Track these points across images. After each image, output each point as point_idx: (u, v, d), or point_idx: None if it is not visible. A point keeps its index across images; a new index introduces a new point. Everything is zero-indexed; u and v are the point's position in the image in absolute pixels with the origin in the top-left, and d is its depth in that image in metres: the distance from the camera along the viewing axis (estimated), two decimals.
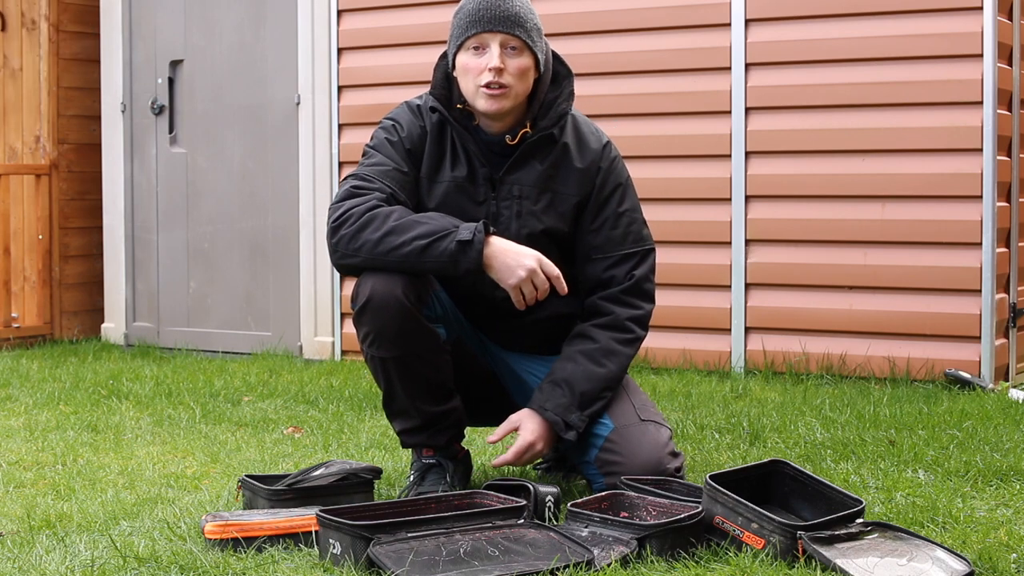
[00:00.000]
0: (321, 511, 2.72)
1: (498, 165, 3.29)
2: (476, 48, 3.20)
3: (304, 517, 2.85)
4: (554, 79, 3.32)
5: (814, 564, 2.56)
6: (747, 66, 5.51)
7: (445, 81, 3.29)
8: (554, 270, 3.13)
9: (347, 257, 3.13)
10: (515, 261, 3.09)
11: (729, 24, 5.53)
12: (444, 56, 3.32)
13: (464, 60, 3.22)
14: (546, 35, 3.32)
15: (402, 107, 3.36)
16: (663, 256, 3.98)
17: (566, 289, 3.17)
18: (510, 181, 3.28)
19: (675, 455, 3.24)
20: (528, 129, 3.27)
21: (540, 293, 3.12)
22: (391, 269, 3.09)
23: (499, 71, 3.17)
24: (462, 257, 3.06)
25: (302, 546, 2.82)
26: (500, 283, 3.11)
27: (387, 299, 3.09)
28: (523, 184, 3.28)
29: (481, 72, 3.19)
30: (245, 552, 2.77)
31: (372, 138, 3.34)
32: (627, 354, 3.30)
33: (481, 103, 3.21)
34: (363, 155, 3.31)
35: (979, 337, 5.14)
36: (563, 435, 3.20)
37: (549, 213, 3.30)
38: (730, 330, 5.57)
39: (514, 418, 3.26)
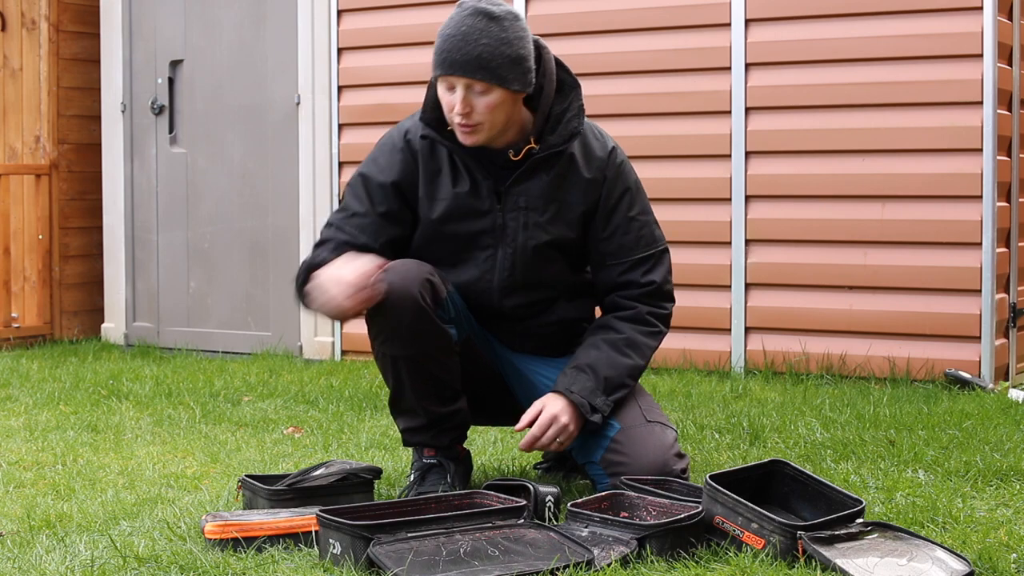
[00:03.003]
0: (321, 511, 2.72)
1: (502, 177, 3.26)
2: (447, 86, 3.17)
3: (304, 517, 2.85)
4: (559, 89, 3.26)
5: (814, 564, 2.56)
6: (747, 66, 5.51)
7: (437, 101, 3.24)
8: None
9: (306, 309, 3.28)
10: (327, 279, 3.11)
11: (729, 24, 5.53)
12: None
13: (440, 92, 3.19)
14: (546, 35, 3.28)
15: (387, 136, 3.35)
16: None
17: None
18: (516, 192, 3.26)
19: (680, 456, 3.23)
20: (533, 144, 3.23)
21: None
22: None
23: (467, 114, 3.14)
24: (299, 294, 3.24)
25: (302, 546, 2.82)
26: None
27: (403, 297, 3.09)
28: (529, 195, 3.26)
29: (451, 109, 3.16)
30: (245, 552, 2.77)
31: (353, 174, 3.36)
32: (650, 346, 3.31)
33: (458, 136, 3.20)
34: (348, 185, 3.36)
35: (979, 337, 5.14)
36: (589, 417, 3.18)
37: (556, 223, 3.28)
38: (730, 330, 5.57)
39: (539, 402, 3.23)
